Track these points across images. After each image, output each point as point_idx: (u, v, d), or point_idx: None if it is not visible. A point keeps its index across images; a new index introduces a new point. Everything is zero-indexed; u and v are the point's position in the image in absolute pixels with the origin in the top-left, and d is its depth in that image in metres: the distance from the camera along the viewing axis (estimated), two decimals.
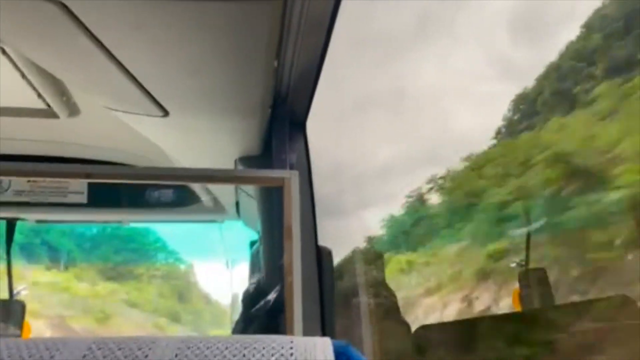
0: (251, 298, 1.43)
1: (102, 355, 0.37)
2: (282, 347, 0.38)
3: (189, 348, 0.38)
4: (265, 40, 0.92)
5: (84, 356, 0.37)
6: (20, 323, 1.96)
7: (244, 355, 0.37)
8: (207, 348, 0.38)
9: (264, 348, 0.38)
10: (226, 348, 0.38)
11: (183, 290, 13.67)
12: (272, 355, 0.38)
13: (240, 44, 0.92)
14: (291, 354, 0.38)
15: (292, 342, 0.39)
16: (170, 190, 1.89)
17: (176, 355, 0.37)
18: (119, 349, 0.38)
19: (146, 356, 0.37)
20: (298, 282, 1.10)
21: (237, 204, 1.77)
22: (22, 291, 2.00)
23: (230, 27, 0.86)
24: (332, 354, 0.38)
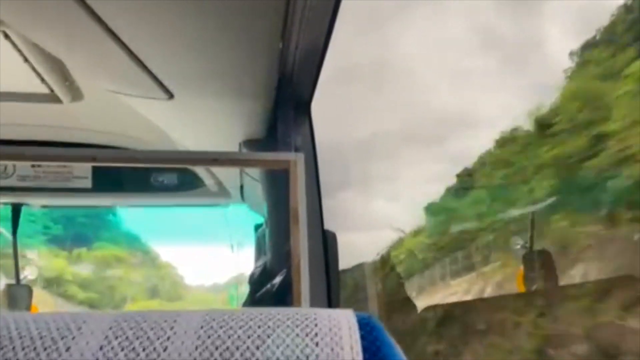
0: (257, 281, 1.43)
1: (129, 327, 0.38)
2: (306, 319, 0.39)
3: (213, 319, 0.39)
4: (270, 21, 0.91)
5: (111, 328, 0.38)
6: (27, 307, 1.98)
7: (268, 327, 0.38)
8: (232, 319, 0.38)
9: (288, 319, 0.38)
10: (250, 319, 0.39)
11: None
12: (297, 326, 0.38)
13: (245, 25, 0.91)
14: (315, 324, 0.38)
15: (315, 313, 0.39)
16: (174, 175, 1.89)
17: (202, 327, 0.38)
18: (145, 321, 0.38)
19: (171, 328, 0.38)
20: (305, 266, 1.10)
21: (242, 187, 1.76)
22: (29, 276, 2.02)
23: (235, 8, 0.85)
24: (356, 325, 0.38)
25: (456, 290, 9.27)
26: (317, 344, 0.37)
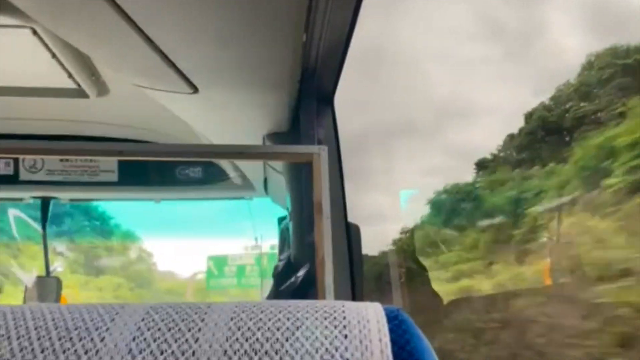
0: (281, 275, 1.44)
1: (160, 318, 0.38)
2: (335, 311, 0.39)
3: (243, 311, 0.39)
4: (294, 13, 0.91)
5: (143, 319, 0.38)
6: (57, 298, 2.03)
7: (297, 319, 0.38)
8: (261, 312, 0.39)
9: (316, 311, 0.39)
10: (279, 312, 0.39)
11: None
12: (325, 318, 0.38)
13: (269, 18, 0.91)
14: (344, 317, 0.38)
15: (343, 306, 0.40)
16: (199, 168, 1.91)
17: (231, 319, 0.38)
18: (176, 313, 0.39)
19: (202, 319, 0.38)
20: (329, 259, 1.10)
21: (265, 180, 1.77)
22: (58, 268, 2.07)
23: (259, 0, 0.85)
24: (385, 318, 0.38)
25: None
26: (345, 337, 0.37)
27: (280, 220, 1.72)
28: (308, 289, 1.27)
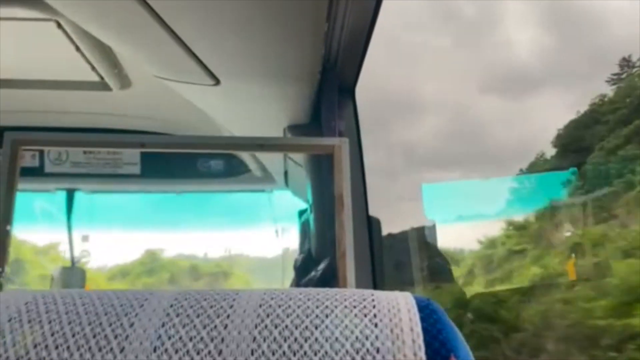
0: (301, 267, 1.44)
1: (189, 305, 0.38)
2: (364, 300, 0.38)
3: (272, 299, 0.39)
4: (316, 3, 0.90)
5: (172, 305, 0.38)
6: (81, 289, 2.06)
7: (326, 307, 0.38)
8: (290, 299, 0.39)
9: (345, 300, 0.38)
10: (308, 299, 0.38)
11: None
12: (355, 307, 0.37)
13: (291, 8, 0.90)
14: (374, 306, 0.38)
15: (373, 295, 0.39)
16: (220, 161, 1.92)
17: (260, 305, 0.38)
18: (204, 300, 0.39)
19: (231, 306, 0.38)
20: (351, 252, 1.10)
21: (286, 173, 1.77)
22: (82, 258, 2.10)
23: None
24: (415, 307, 0.37)
25: None
26: (376, 325, 0.36)
27: (301, 213, 1.72)
28: (329, 282, 1.27)
